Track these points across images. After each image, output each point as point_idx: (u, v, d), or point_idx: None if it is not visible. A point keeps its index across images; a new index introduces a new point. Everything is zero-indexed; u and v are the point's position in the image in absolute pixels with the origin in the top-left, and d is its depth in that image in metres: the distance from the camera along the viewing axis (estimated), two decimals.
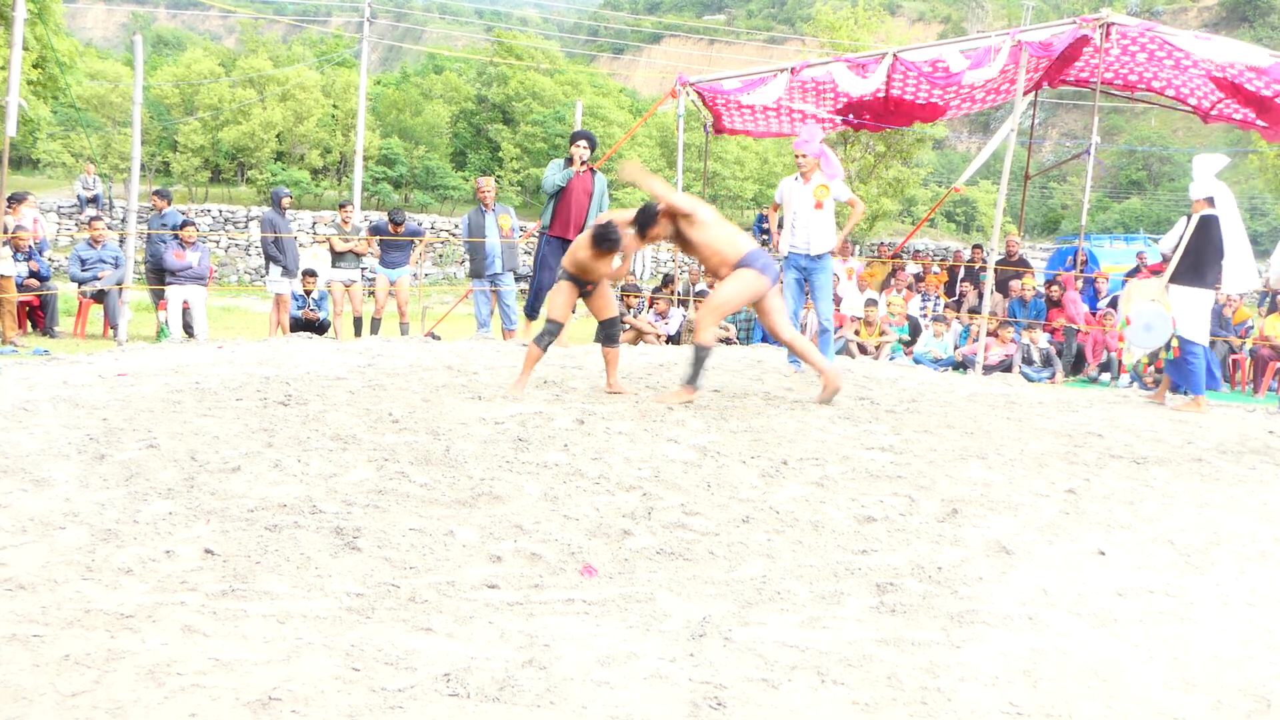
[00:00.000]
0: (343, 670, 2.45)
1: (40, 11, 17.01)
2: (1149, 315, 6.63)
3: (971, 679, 2.55)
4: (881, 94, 11.20)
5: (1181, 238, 6.79)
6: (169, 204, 11.31)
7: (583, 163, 8.13)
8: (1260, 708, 2.49)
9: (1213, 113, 10.95)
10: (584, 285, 5.80)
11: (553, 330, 5.71)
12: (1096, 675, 2.60)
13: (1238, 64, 9.19)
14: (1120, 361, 7.06)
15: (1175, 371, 6.89)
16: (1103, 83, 10.41)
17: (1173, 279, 6.77)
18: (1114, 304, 11.33)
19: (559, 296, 5.78)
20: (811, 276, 7.08)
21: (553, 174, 8.17)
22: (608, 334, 5.95)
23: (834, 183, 6.94)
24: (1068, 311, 11.17)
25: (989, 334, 10.31)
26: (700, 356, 5.62)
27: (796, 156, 6.96)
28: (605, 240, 5.49)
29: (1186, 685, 2.58)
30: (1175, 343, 6.68)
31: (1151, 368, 6.85)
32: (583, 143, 8.17)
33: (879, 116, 11.88)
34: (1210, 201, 6.76)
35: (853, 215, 7.18)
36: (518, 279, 10.53)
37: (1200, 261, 6.73)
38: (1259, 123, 10.65)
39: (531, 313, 8.55)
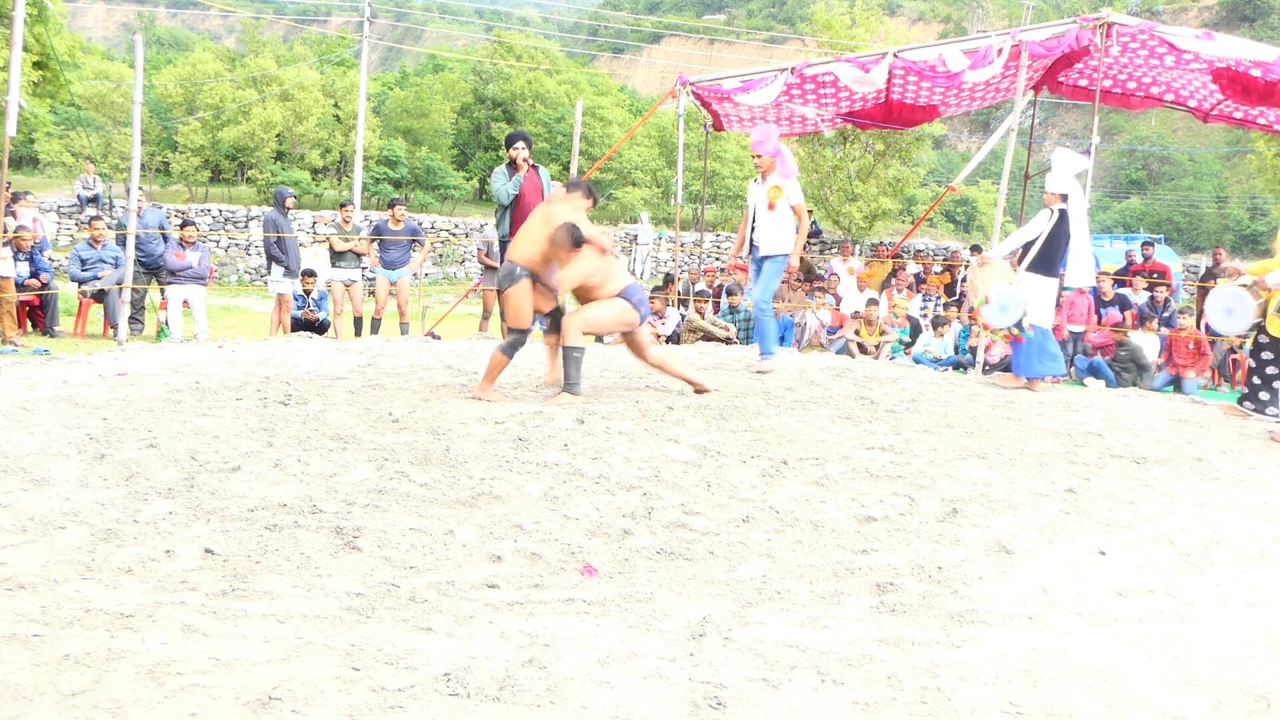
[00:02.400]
0: (343, 670, 2.45)
1: (40, 11, 16.98)
2: (1005, 297, 6.99)
3: (971, 679, 2.55)
4: (882, 99, 11.19)
5: (1042, 231, 7.12)
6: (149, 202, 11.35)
7: (524, 162, 8.12)
8: (1260, 708, 2.49)
9: (1213, 113, 10.94)
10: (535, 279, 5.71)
11: (520, 341, 5.61)
12: (1096, 675, 2.60)
13: (1244, 61, 9.17)
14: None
15: (1021, 355, 7.25)
16: (1103, 94, 10.40)
17: (1029, 268, 7.13)
18: (1117, 303, 11.34)
19: (523, 300, 5.60)
20: (761, 266, 7.12)
21: (502, 184, 8.15)
22: (555, 321, 5.88)
23: (787, 183, 6.95)
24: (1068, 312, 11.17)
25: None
26: (573, 357, 5.56)
27: (753, 156, 7.00)
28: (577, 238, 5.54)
29: (1186, 685, 2.58)
30: (1025, 321, 7.04)
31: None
32: (520, 144, 8.14)
33: (878, 119, 11.87)
34: (1064, 198, 7.11)
35: (800, 226, 7.02)
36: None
37: (1051, 253, 7.13)
38: (1260, 120, 10.64)
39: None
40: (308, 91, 30.49)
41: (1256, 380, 6.53)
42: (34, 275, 10.31)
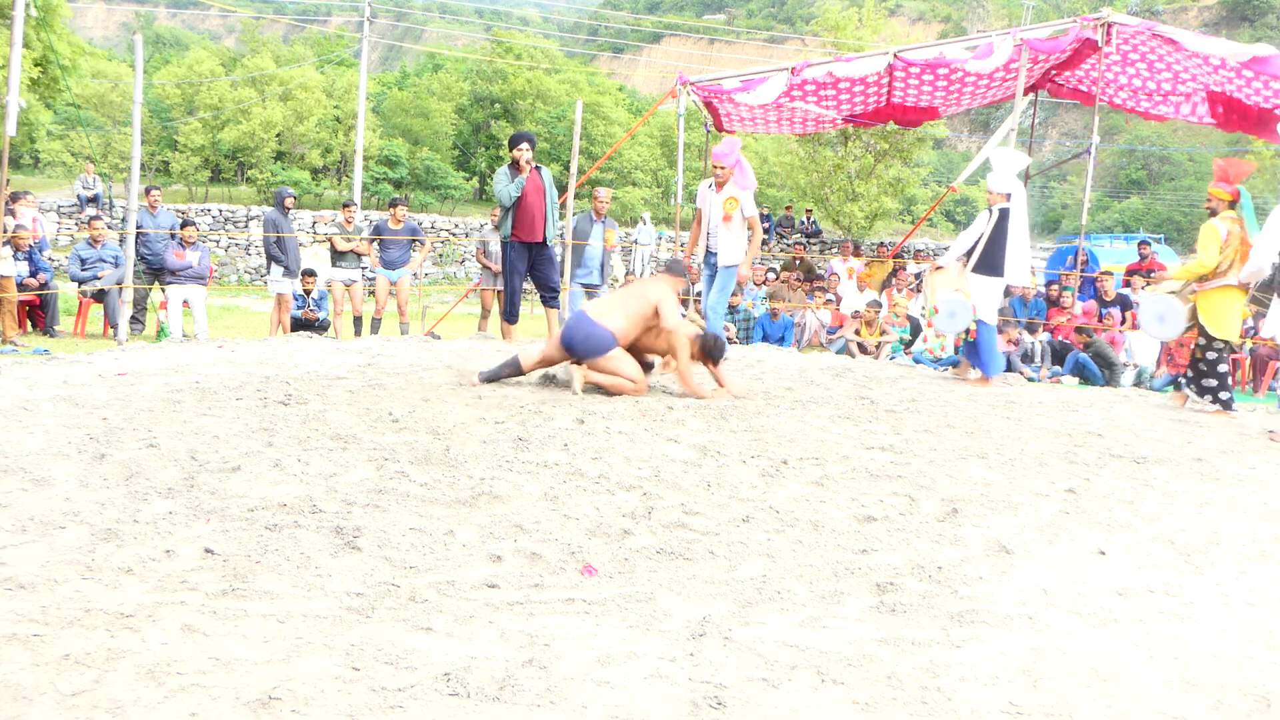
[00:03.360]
0: (343, 670, 2.45)
1: (44, 15, 16.96)
2: (953, 304, 7.21)
3: (971, 679, 2.55)
4: (883, 101, 11.19)
5: (984, 231, 7.29)
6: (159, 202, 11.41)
7: (528, 164, 8.10)
8: (1260, 708, 2.49)
9: (1209, 118, 10.95)
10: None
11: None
12: (1096, 675, 2.60)
13: (1231, 59, 9.17)
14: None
15: (972, 353, 7.47)
16: (1102, 101, 10.43)
17: (974, 269, 7.32)
18: (1117, 303, 11.34)
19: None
20: (716, 275, 7.29)
21: (504, 186, 8.17)
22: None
23: (744, 195, 7.09)
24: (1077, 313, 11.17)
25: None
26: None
27: (714, 167, 7.14)
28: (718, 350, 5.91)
29: (1186, 685, 2.58)
30: (973, 326, 7.29)
31: (950, 349, 7.45)
32: (524, 145, 8.14)
33: (879, 119, 11.88)
34: (1008, 197, 7.28)
35: (753, 238, 7.23)
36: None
37: (996, 252, 7.30)
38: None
39: (511, 317, 8.55)
40: (309, 92, 30.47)
41: (1210, 381, 6.68)
42: (33, 275, 10.31)
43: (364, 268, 11.08)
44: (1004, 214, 7.21)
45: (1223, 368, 6.65)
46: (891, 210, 24.82)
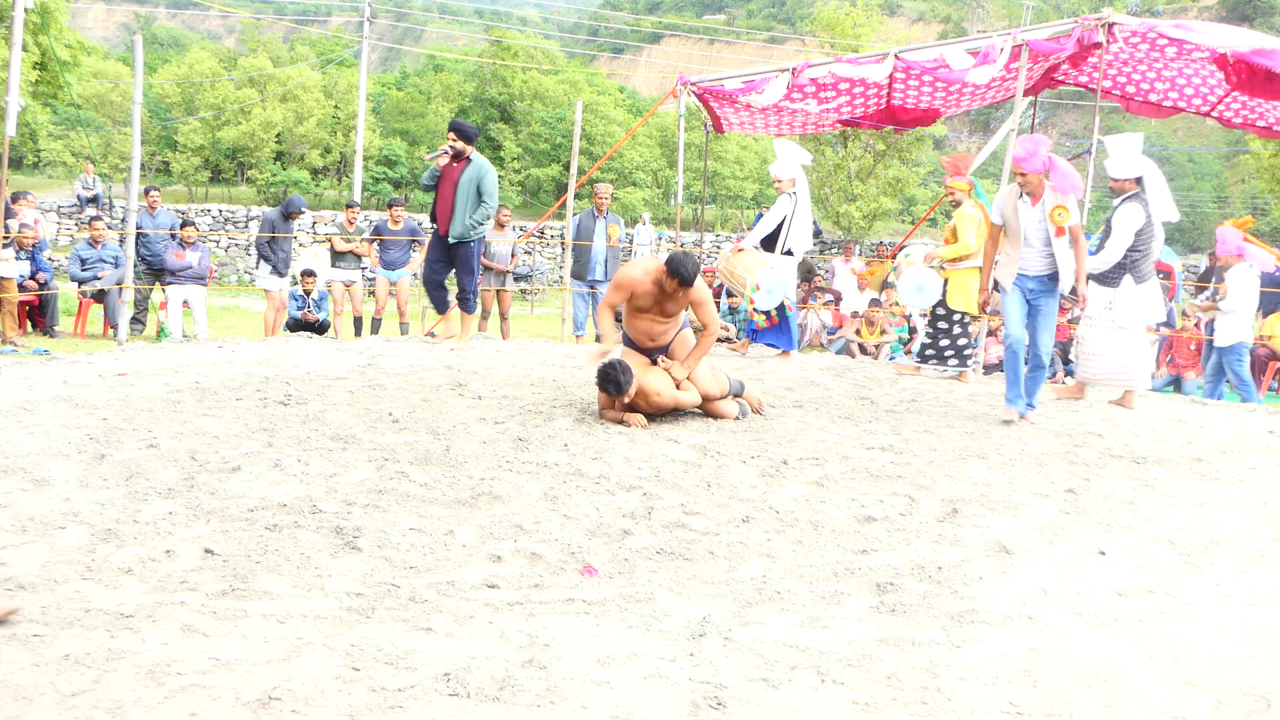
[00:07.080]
0: (343, 670, 2.45)
1: (43, 18, 16.94)
2: (771, 282, 7.61)
3: (971, 679, 2.55)
4: (883, 104, 11.18)
5: (787, 214, 7.83)
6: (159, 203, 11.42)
7: (446, 153, 7.59)
8: (1260, 708, 2.49)
9: (1212, 114, 10.92)
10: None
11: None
12: (1096, 675, 2.60)
13: (1246, 55, 9.12)
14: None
15: (771, 334, 8.01)
16: (1103, 94, 10.38)
17: (783, 252, 7.83)
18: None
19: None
20: (1039, 302, 5.96)
21: (426, 172, 8.02)
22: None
23: (1069, 200, 5.76)
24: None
25: (989, 333, 10.30)
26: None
27: (1016, 175, 5.81)
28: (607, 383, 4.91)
29: (1186, 685, 2.58)
30: (786, 301, 7.83)
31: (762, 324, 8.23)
32: (450, 133, 7.69)
33: (878, 121, 11.87)
34: (794, 182, 7.85)
35: (1079, 251, 5.80)
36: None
37: (790, 235, 7.85)
38: (1259, 124, 10.61)
39: (435, 307, 8.32)
40: (309, 92, 30.47)
41: (944, 342, 7.49)
42: (34, 275, 10.31)
43: (364, 268, 11.07)
44: (796, 199, 7.82)
45: (963, 340, 7.44)
46: (891, 210, 24.83)
